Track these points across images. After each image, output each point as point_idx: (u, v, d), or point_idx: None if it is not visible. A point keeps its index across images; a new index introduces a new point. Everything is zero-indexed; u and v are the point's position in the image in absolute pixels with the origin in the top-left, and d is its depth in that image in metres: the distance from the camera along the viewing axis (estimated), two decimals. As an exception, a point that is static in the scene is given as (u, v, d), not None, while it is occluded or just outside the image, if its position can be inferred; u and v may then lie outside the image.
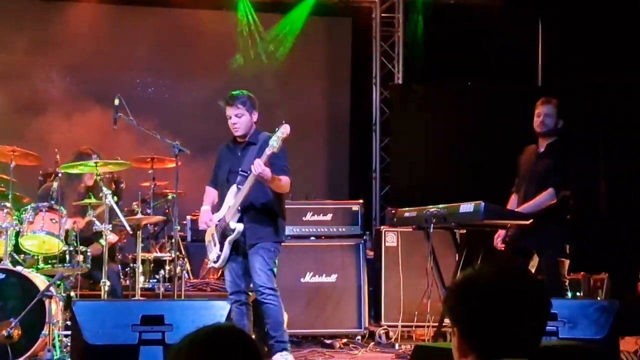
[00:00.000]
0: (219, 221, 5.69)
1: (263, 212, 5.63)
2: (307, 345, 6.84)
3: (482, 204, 5.69)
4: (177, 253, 6.94)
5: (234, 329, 1.95)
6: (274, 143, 5.34)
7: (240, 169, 5.63)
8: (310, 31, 9.70)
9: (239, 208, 5.58)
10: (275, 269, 5.62)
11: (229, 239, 5.59)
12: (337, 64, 9.96)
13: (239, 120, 5.65)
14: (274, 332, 5.56)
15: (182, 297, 6.73)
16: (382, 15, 9.84)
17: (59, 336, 5.87)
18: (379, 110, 9.82)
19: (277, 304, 5.55)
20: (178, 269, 6.91)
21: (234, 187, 5.64)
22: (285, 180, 5.58)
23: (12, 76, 9.00)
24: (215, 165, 5.95)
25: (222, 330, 1.94)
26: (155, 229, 8.26)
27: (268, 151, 5.36)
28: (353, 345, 6.86)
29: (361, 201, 7.52)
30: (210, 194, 5.92)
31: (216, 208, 5.81)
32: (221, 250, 5.64)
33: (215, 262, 5.74)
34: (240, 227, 5.57)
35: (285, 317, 6.61)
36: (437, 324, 6.47)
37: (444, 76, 9.37)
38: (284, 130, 5.40)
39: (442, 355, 3.20)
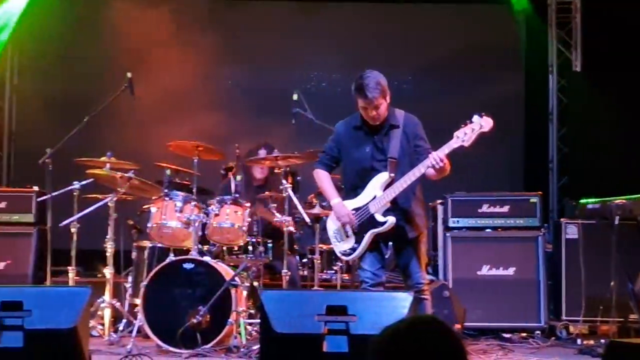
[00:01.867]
0: (356, 210, 5.27)
1: (416, 202, 5.29)
2: (485, 339, 6.75)
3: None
4: (354, 245, 7.03)
5: (436, 321, 1.97)
6: (466, 137, 4.93)
7: (389, 156, 5.18)
8: (482, 19, 9.55)
9: (388, 200, 5.17)
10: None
11: (373, 231, 5.18)
12: (511, 52, 9.74)
13: (379, 110, 5.16)
14: None
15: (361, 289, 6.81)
16: (558, 0, 9.54)
17: (244, 324, 6.11)
18: (555, 99, 9.54)
19: (429, 299, 5.33)
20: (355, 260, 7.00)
21: (384, 175, 5.18)
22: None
23: (200, 75, 9.39)
24: (337, 145, 5.44)
25: (423, 321, 1.96)
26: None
27: (455, 144, 4.96)
28: (533, 340, 6.71)
29: (539, 192, 7.34)
30: (329, 179, 5.45)
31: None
32: (357, 242, 5.26)
33: (347, 254, 5.35)
34: (392, 220, 5.15)
35: (462, 310, 6.59)
36: (622, 320, 6.26)
37: (625, 63, 8.95)
38: (485, 124, 4.99)
39: (639, 352, 3.09)
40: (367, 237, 5.22)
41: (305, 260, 7.41)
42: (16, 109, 9.73)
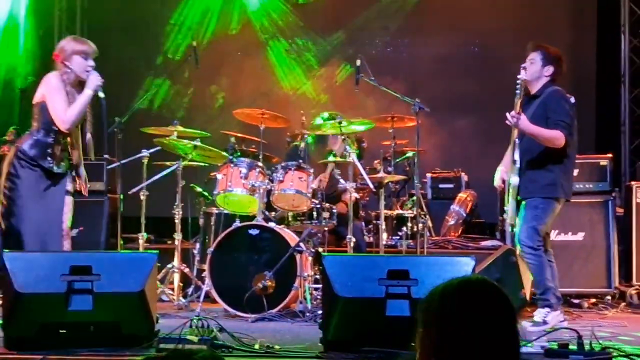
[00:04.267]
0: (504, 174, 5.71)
1: (536, 166, 5.49)
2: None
3: None
4: (419, 210, 7.02)
5: (486, 282, 1.95)
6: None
7: None
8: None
9: (518, 162, 5.51)
10: (541, 226, 5.46)
11: (511, 193, 5.56)
12: (582, 11, 9.49)
13: (530, 66, 5.57)
14: (535, 289, 5.54)
15: (425, 254, 6.81)
16: (630, -43, 9.24)
17: (309, 289, 6.16)
18: (627, 60, 9.26)
19: (536, 262, 5.45)
20: (420, 225, 6.99)
21: (517, 140, 5.56)
22: (550, 134, 5.37)
23: (260, 42, 9.41)
24: None
25: (472, 282, 1.95)
26: (397, 187, 8.37)
27: (516, 100, 5.35)
28: (602, 305, 6.61)
29: (610, 155, 7.17)
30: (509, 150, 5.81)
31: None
32: (508, 206, 5.61)
33: (505, 217, 5.73)
34: (514, 180, 5.51)
35: (530, 276, 6.51)
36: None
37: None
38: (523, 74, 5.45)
39: None
40: (511, 202, 5.56)
41: (370, 226, 7.42)
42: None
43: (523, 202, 5.51)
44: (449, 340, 1.85)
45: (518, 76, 5.49)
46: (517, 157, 5.49)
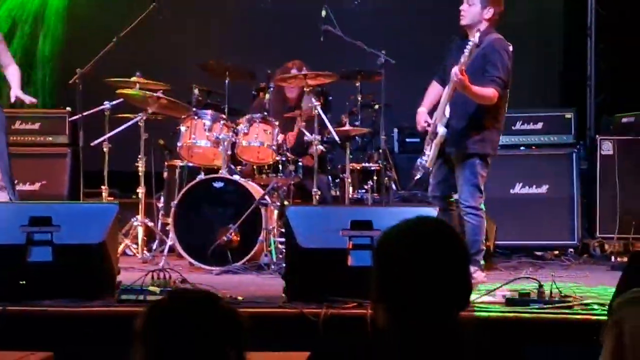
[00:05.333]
0: (434, 121, 5.42)
1: (471, 120, 5.26)
2: (517, 257, 6.73)
3: None
4: (385, 164, 7.01)
5: (441, 223, 1.94)
6: (466, 52, 5.00)
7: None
8: None
9: (447, 112, 5.28)
10: (481, 184, 5.30)
11: (434, 141, 5.33)
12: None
13: (469, 8, 5.24)
14: (470, 248, 5.39)
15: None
16: None
17: (274, 242, 6.15)
18: (594, 13, 9.24)
19: (475, 222, 5.29)
20: (386, 179, 6.99)
21: (447, 87, 5.29)
22: (486, 92, 5.11)
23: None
24: (444, 57, 5.56)
25: (427, 221, 1.93)
26: (363, 140, 8.34)
27: (462, 58, 5.01)
28: (565, 258, 6.67)
29: (575, 108, 7.19)
30: (432, 91, 5.58)
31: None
32: (427, 152, 5.42)
33: (421, 164, 5.46)
34: (442, 131, 5.25)
35: (494, 228, 6.55)
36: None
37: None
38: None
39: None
40: (433, 148, 5.36)
41: (336, 180, 7.40)
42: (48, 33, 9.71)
43: (460, 161, 5.30)
44: (399, 280, 1.82)
45: (471, 38, 5.14)
46: (448, 108, 5.25)
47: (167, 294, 1.87)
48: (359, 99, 7.52)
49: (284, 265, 5.75)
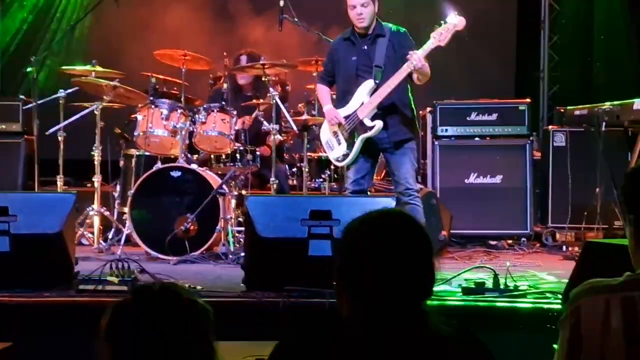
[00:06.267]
0: (346, 117, 5.49)
1: (404, 108, 5.46)
2: (472, 246, 6.83)
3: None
4: (342, 153, 7.03)
5: (404, 215, 1.97)
6: (441, 37, 5.15)
7: (374, 64, 5.40)
8: None
9: (378, 104, 5.37)
10: (417, 168, 5.55)
11: (363, 136, 5.40)
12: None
13: (365, 10, 5.37)
14: None
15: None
16: None
17: (232, 232, 6.16)
18: (547, 6, 9.40)
19: (420, 205, 5.46)
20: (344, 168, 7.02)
21: (369, 82, 5.40)
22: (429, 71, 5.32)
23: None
24: (330, 60, 5.71)
25: (391, 213, 1.97)
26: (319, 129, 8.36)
27: (433, 45, 5.18)
28: (519, 247, 6.79)
29: (528, 100, 7.30)
30: (327, 91, 5.75)
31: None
32: (349, 148, 5.48)
33: (340, 160, 5.58)
34: (380, 124, 5.36)
35: (449, 217, 6.64)
36: (607, 226, 6.31)
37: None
38: (459, 23, 5.20)
39: (615, 251, 3.13)
40: (358, 142, 5.43)
41: (294, 169, 7.42)
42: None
43: (398, 148, 5.42)
44: (363, 273, 1.84)
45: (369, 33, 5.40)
46: (376, 99, 5.35)
47: (130, 292, 1.86)
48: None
49: (242, 254, 5.79)
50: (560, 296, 4.12)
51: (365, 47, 5.47)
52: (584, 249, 3.67)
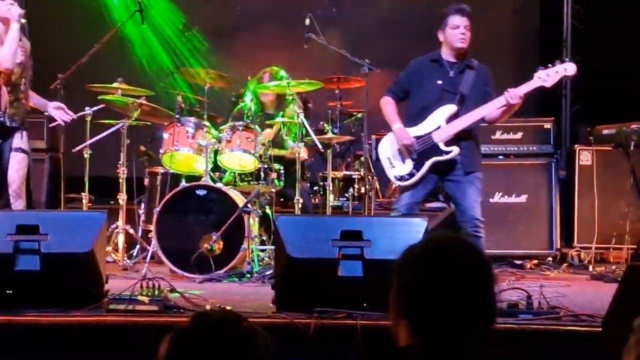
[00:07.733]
0: (417, 138, 5.48)
1: (476, 140, 5.55)
2: (497, 266, 6.77)
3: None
4: (367, 172, 7.02)
5: (465, 240, 1.94)
6: (548, 78, 5.20)
7: (460, 91, 5.41)
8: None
9: (455, 131, 5.38)
10: None
11: (435, 159, 5.41)
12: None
13: (467, 33, 5.41)
14: None
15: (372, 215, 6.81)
16: None
17: (256, 250, 6.13)
18: (570, 25, 9.36)
19: (483, 236, 5.48)
20: (367, 187, 7.00)
21: (450, 107, 5.41)
22: None
23: (208, 4, 9.24)
24: (408, 78, 5.63)
25: (453, 238, 1.93)
26: (342, 147, 8.35)
27: (536, 84, 5.23)
28: (544, 267, 6.73)
29: (552, 119, 7.26)
30: (395, 106, 5.63)
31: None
32: (416, 168, 5.45)
33: (404, 179, 5.48)
34: (457, 150, 5.38)
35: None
36: (635, 247, 6.26)
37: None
38: (570, 68, 5.25)
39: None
40: (428, 165, 5.42)
41: (316, 187, 7.40)
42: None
43: (465, 177, 5.45)
44: (426, 300, 1.82)
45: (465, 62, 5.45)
46: (459, 125, 5.37)
47: (191, 319, 1.83)
48: (339, 106, 7.55)
49: (266, 273, 5.78)
50: (595, 318, 4.07)
51: (452, 74, 5.47)
52: (626, 272, 3.62)
